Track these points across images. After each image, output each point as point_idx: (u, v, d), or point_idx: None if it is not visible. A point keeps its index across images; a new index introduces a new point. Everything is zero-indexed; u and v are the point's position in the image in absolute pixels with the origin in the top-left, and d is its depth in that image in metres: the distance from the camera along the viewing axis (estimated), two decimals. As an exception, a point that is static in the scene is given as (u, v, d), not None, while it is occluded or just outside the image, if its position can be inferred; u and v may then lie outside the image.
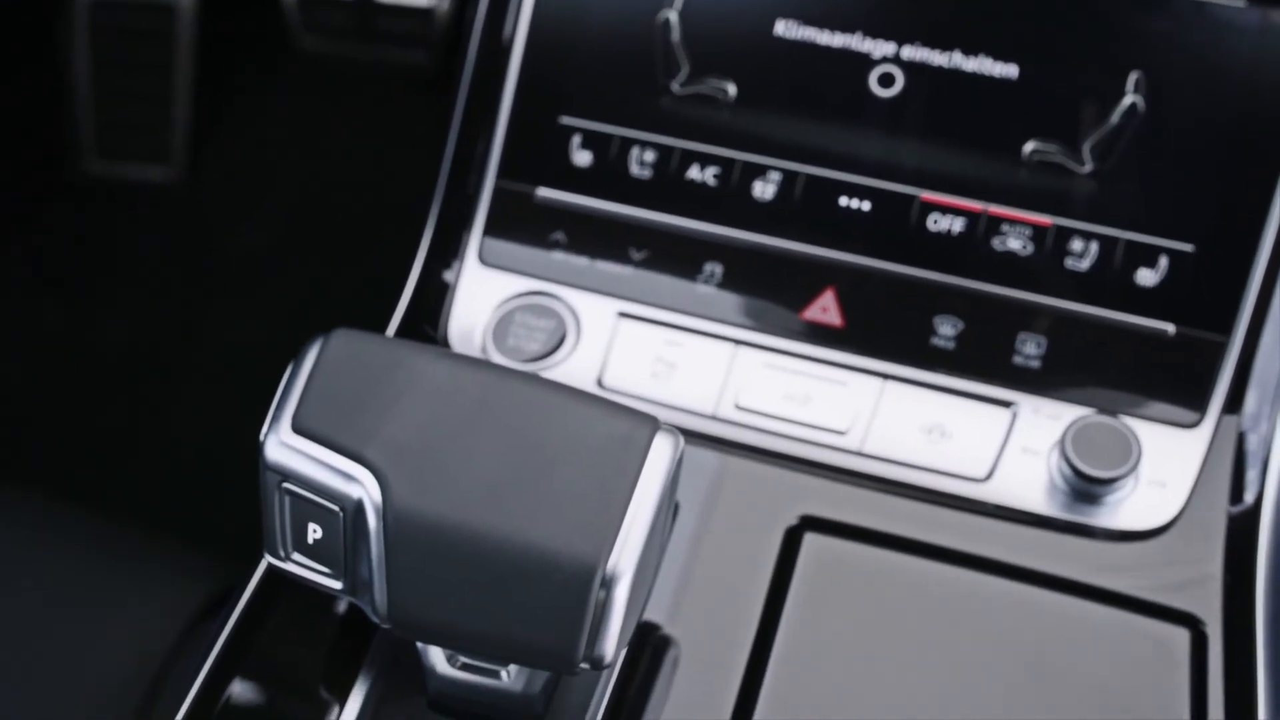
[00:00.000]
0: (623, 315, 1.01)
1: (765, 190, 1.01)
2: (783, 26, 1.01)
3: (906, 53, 1.00)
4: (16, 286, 1.97)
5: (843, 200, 1.00)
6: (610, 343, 1.00)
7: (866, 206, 1.00)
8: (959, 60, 0.99)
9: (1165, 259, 0.96)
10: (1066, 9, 0.98)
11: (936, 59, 0.99)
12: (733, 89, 1.02)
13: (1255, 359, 0.94)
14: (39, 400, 1.88)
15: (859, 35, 1.00)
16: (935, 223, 0.99)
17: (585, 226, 1.03)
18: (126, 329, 1.95)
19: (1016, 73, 0.98)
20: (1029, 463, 0.95)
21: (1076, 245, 0.97)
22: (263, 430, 0.72)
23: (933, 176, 0.99)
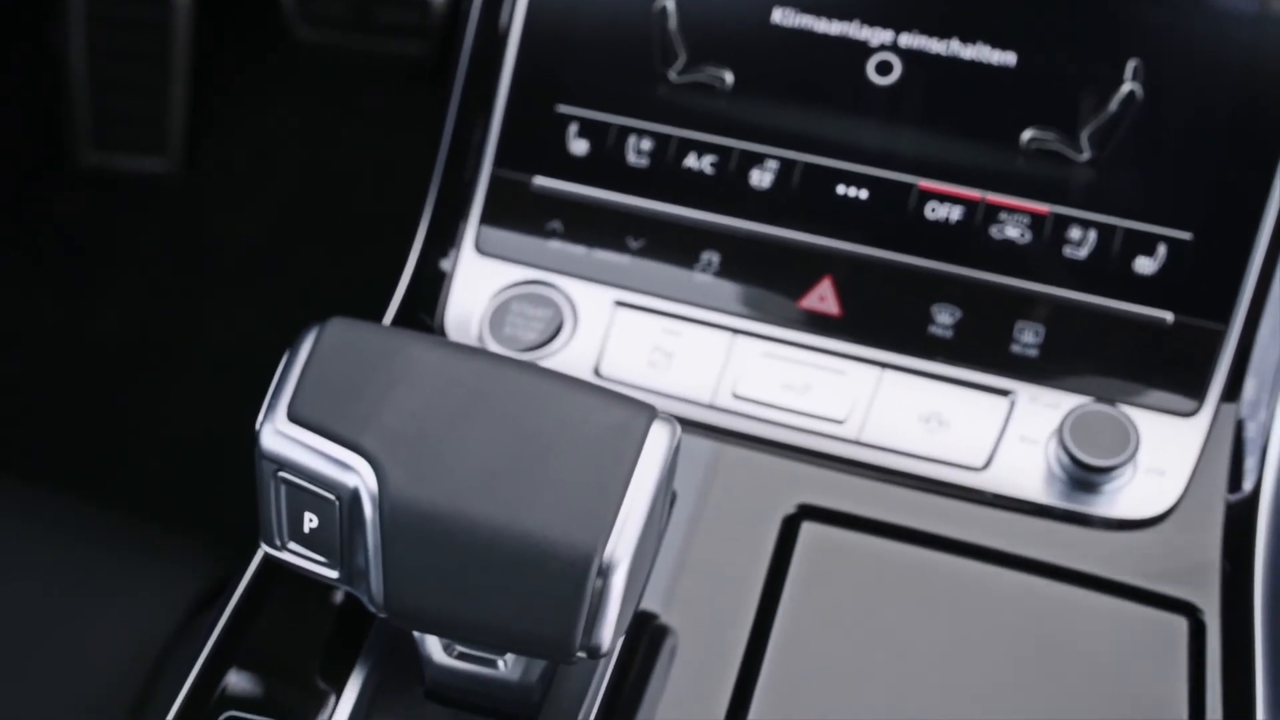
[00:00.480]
0: (620, 304, 1.01)
1: (763, 179, 1.01)
2: (780, 14, 1.01)
3: (904, 40, 1.00)
4: (12, 278, 1.96)
5: (840, 189, 1.00)
6: (607, 332, 1.00)
7: (864, 195, 0.99)
8: (957, 48, 0.99)
9: (1163, 247, 0.96)
10: (1064, -4, 0.98)
11: (934, 47, 0.99)
12: (730, 77, 1.02)
13: (1253, 347, 0.94)
14: (36, 391, 1.88)
15: (856, 23, 1.00)
16: (933, 211, 0.99)
17: (582, 215, 1.02)
18: (123, 320, 1.95)
19: (1014, 60, 0.98)
20: (1027, 451, 0.95)
21: (1075, 233, 0.97)
22: (258, 419, 0.72)
23: (930, 165, 0.99)
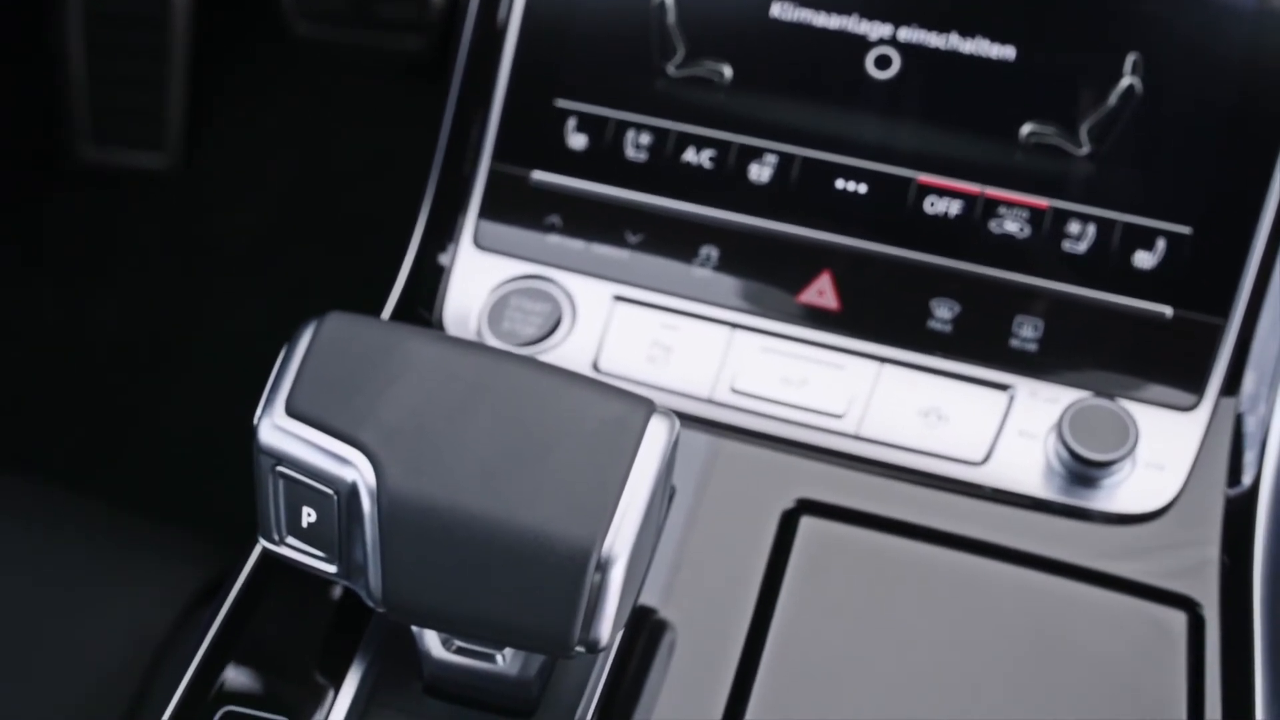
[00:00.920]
0: (618, 299, 1.01)
1: (761, 173, 1.01)
2: (779, 8, 1.01)
3: (903, 34, 1.00)
4: (12, 273, 1.96)
5: (839, 183, 1.00)
6: (606, 326, 1.00)
7: (863, 189, 0.99)
8: (956, 42, 0.99)
9: (1163, 241, 0.96)
10: (1064, -10, 0.98)
11: (933, 41, 0.99)
12: (728, 71, 1.01)
13: (1253, 341, 0.94)
14: (35, 386, 1.88)
15: (855, 17, 1.00)
16: (932, 205, 0.98)
17: (581, 210, 1.02)
18: (122, 315, 1.94)
19: (1014, 54, 0.98)
20: (1026, 446, 0.94)
21: (1074, 228, 0.97)
22: (256, 413, 0.72)
23: (930, 159, 0.99)
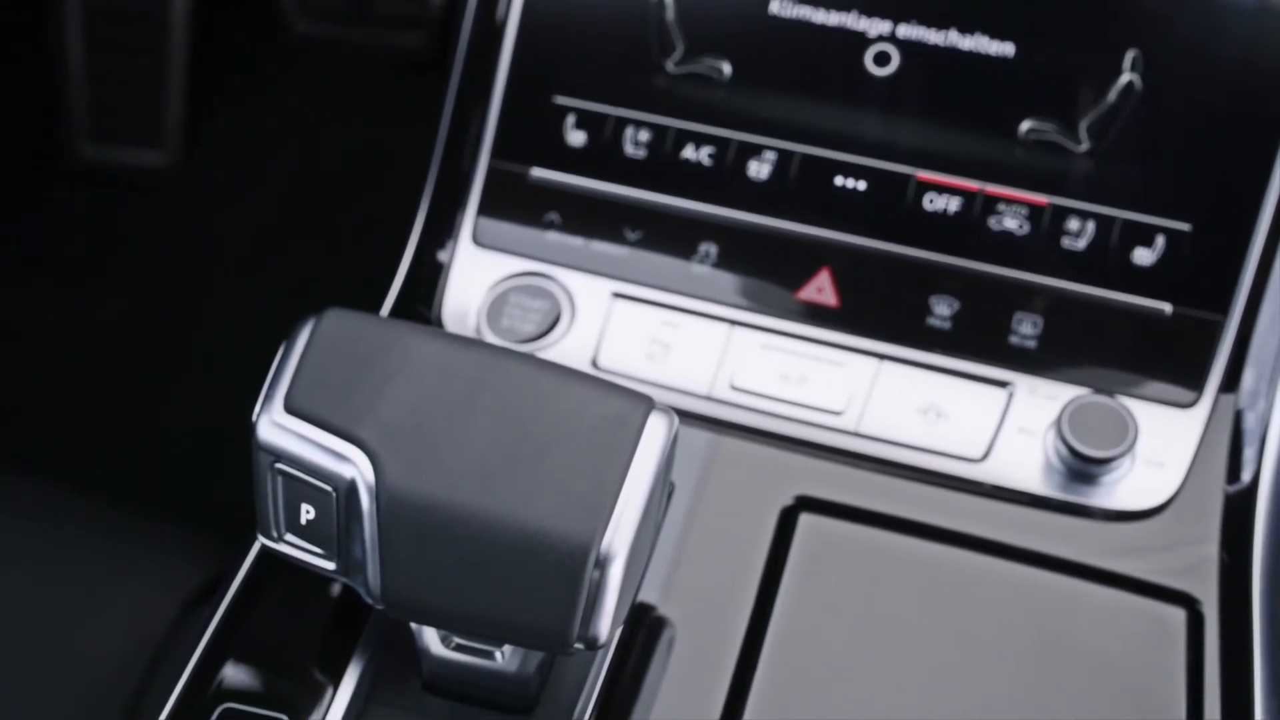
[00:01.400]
0: (617, 296, 1.01)
1: (760, 170, 1.01)
2: (778, 5, 1.01)
3: (902, 31, 0.99)
4: (10, 271, 1.96)
5: (838, 180, 1.00)
6: (605, 323, 1.00)
7: (862, 186, 0.99)
8: (955, 38, 0.99)
9: (1162, 238, 0.96)
10: (1063, -14, 0.98)
11: (932, 37, 0.99)
12: (728, 68, 1.01)
13: (1252, 338, 0.94)
14: (34, 384, 1.88)
15: (854, 14, 1.00)
16: (931, 202, 0.98)
17: (580, 207, 1.02)
18: (121, 313, 1.94)
19: (1013, 51, 0.98)
20: (1025, 443, 0.94)
21: (1073, 225, 0.97)
22: (255, 410, 0.72)
23: (929, 156, 0.99)
